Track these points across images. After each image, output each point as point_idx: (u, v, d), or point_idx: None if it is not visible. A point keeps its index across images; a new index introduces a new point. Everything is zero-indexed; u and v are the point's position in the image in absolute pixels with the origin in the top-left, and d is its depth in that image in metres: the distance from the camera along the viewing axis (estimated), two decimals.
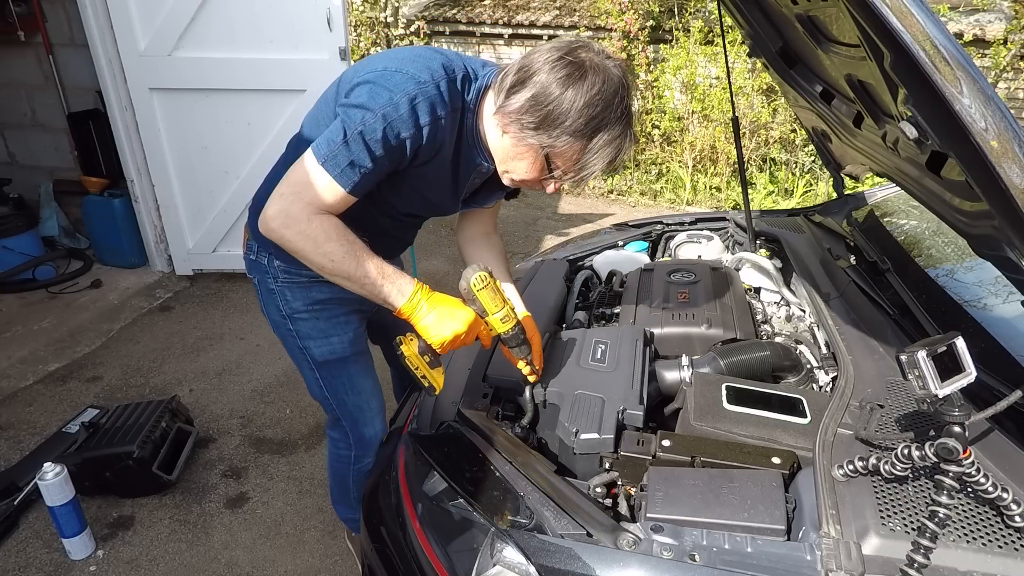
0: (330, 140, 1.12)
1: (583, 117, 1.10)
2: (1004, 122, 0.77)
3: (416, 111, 1.12)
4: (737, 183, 5.76)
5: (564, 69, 1.09)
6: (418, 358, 1.19)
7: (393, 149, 1.14)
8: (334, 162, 1.12)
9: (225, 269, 4.01)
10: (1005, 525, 0.89)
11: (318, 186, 1.13)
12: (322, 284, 1.45)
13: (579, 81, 1.09)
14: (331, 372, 1.55)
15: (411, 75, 1.12)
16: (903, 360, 0.88)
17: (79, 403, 2.73)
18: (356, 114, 1.11)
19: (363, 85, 1.14)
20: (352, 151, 1.11)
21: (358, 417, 1.63)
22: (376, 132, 1.11)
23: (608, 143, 1.14)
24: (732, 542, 0.93)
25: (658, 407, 1.34)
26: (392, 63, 1.14)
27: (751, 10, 1.67)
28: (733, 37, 5.32)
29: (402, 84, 1.11)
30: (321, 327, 1.49)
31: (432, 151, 1.21)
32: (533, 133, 1.13)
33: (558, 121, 1.10)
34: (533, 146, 1.15)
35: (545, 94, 1.10)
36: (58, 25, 3.71)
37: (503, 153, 1.23)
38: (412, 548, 1.10)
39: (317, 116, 1.31)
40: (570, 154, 1.15)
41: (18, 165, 4.15)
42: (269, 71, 3.47)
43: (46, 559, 2.03)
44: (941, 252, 1.87)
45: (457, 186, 1.33)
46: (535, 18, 7.80)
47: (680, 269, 1.76)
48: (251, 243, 1.48)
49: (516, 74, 1.14)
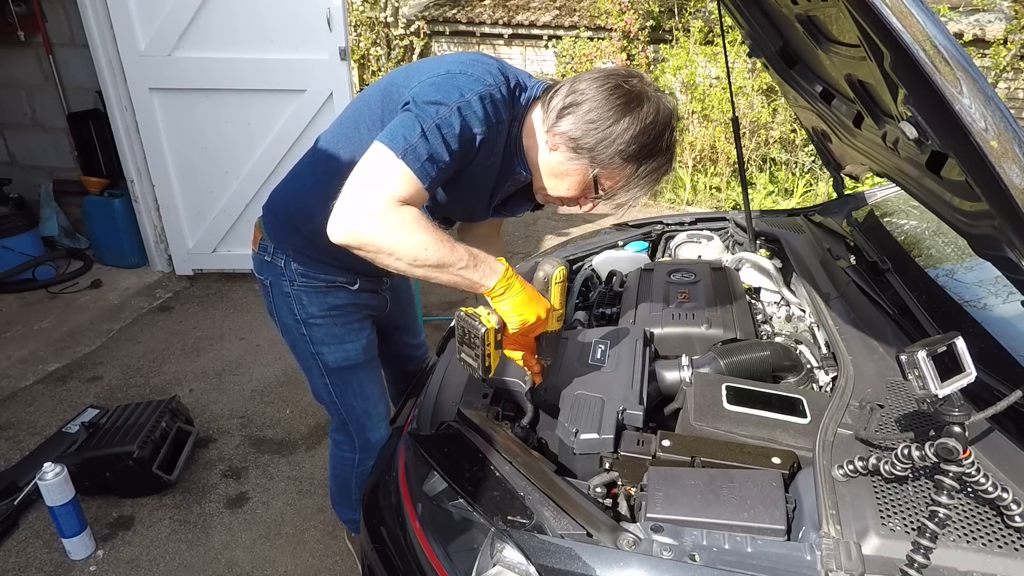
0: (405, 135, 1.09)
1: (636, 144, 1.15)
2: (1004, 122, 0.76)
3: (486, 109, 1.14)
4: (737, 183, 5.76)
5: (622, 97, 1.14)
6: (493, 334, 1.14)
7: (466, 145, 1.14)
8: (414, 155, 1.08)
9: (225, 269, 4.01)
10: (1005, 525, 0.88)
11: (399, 180, 1.08)
12: (339, 290, 1.45)
13: (636, 109, 1.14)
14: (342, 378, 1.55)
15: (477, 77, 1.14)
16: (903, 360, 0.88)
17: (79, 403, 2.74)
18: (431, 109, 1.10)
19: (431, 85, 1.13)
20: (431, 145, 1.09)
21: (365, 422, 1.63)
22: (454, 127, 1.11)
23: (655, 170, 1.20)
24: (732, 542, 0.93)
25: (658, 407, 1.34)
26: (455, 66, 1.15)
27: (751, 10, 1.67)
28: (733, 37, 5.32)
29: (470, 84, 1.13)
30: (336, 333, 1.48)
31: (489, 153, 1.22)
32: (587, 154, 1.16)
33: (613, 145, 1.14)
34: (583, 167, 1.19)
35: (603, 118, 1.14)
36: (58, 25, 3.71)
37: (548, 169, 1.25)
38: (412, 548, 1.10)
39: (358, 118, 1.30)
40: (618, 177, 1.20)
41: (18, 165, 4.16)
42: (269, 71, 3.47)
43: (46, 559, 2.03)
44: (941, 252, 1.87)
45: (494, 192, 1.35)
46: (535, 18, 7.80)
47: (680, 269, 1.76)
48: (265, 243, 1.45)
49: (569, 96, 1.17)
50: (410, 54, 8.19)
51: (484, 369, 1.15)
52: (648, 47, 6.76)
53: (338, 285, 1.45)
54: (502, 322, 1.15)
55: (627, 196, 1.23)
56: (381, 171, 1.08)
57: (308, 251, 1.41)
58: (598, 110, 1.14)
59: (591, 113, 1.14)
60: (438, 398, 1.39)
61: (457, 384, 1.40)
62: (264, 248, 1.45)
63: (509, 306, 1.14)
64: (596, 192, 1.24)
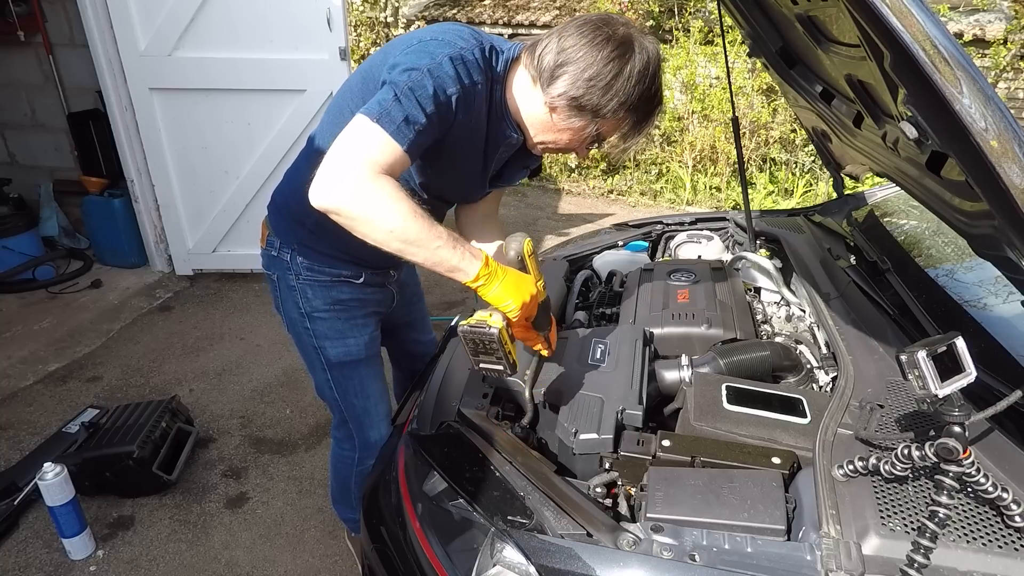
0: (380, 100, 1.10)
1: (636, 92, 1.16)
2: (1004, 122, 0.76)
3: (458, 70, 1.14)
4: (737, 183, 5.76)
5: (615, 48, 1.14)
6: (505, 332, 1.13)
7: (442, 106, 1.14)
8: (388, 118, 1.08)
9: (225, 269, 4.01)
10: (1005, 525, 0.88)
11: (375, 144, 1.08)
12: (343, 284, 1.47)
13: (630, 58, 1.15)
14: (343, 374, 1.56)
15: (447, 41, 1.15)
16: (903, 360, 0.88)
17: (79, 403, 2.73)
18: (403, 76, 1.11)
19: (404, 54, 1.16)
20: (405, 107, 1.09)
21: (364, 420, 1.64)
22: (427, 88, 1.11)
23: (652, 111, 1.23)
24: (732, 542, 0.93)
25: (658, 407, 1.34)
26: (426, 34, 1.18)
27: (751, 10, 1.67)
28: (733, 37, 5.32)
29: (440, 48, 1.14)
30: (339, 328, 1.50)
31: (470, 117, 1.22)
32: (589, 110, 1.17)
33: (615, 99, 1.15)
34: (585, 122, 1.20)
35: (601, 74, 1.14)
36: (58, 25, 3.71)
37: (546, 127, 1.25)
38: (412, 548, 1.10)
39: (341, 104, 1.31)
40: (620, 125, 1.22)
41: (18, 165, 4.16)
42: (269, 71, 3.47)
43: (46, 559, 2.03)
44: (941, 252, 1.87)
45: (486, 160, 1.35)
46: (535, 18, 7.81)
47: (680, 269, 1.76)
48: (272, 239, 1.48)
49: (560, 54, 1.16)
50: None
51: (511, 366, 1.15)
52: None
53: (343, 279, 1.47)
54: (504, 316, 1.14)
55: (630, 142, 1.26)
56: (358, 137, 1.09)
57: (312, 244, 1.43)
58: (595, 66, 1.14)
59: (588, 71, 1.14)
60: (438, 398, 1.39)
61: (457, 384, 1.40)
62: (271, 244, 1.48)
63: (500, 292, 1.13)
64: (599, 143, 1.26)
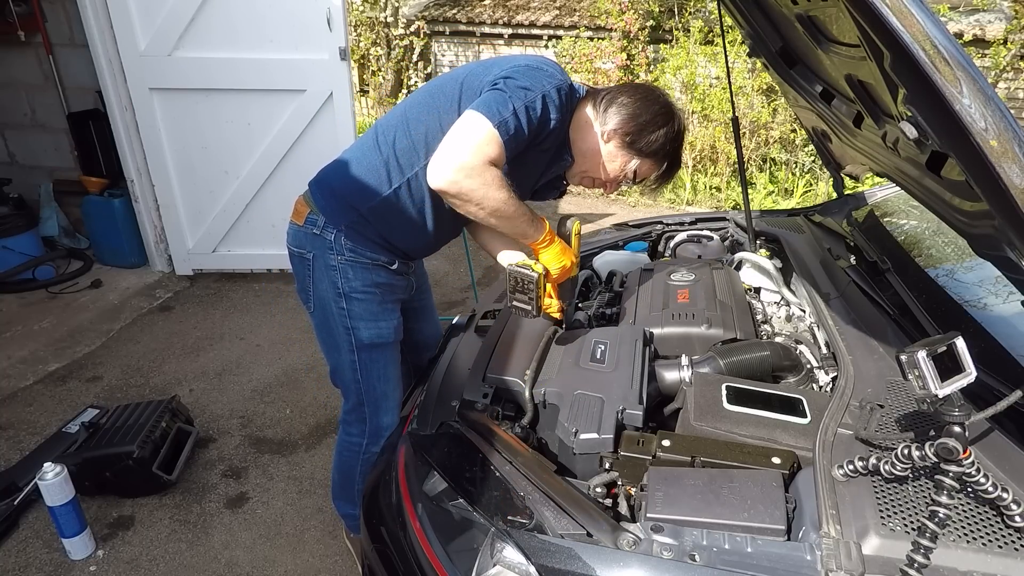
0: (499, 109, 1.29)
1: (671, 146, 1.50)
2: (1004, 122, 0.76)
3: (562, 100, 1.39)
4: (737, 183, 5.76)
5: (663, 109, 1.47)
6: (543, 279, 1.38)
7: (541, 127, 1.37)
8: (505, 128, 1.28)
9: (225, 269, 4.01)
10: (1005, 525, 0.88)
11: (493, 144, 1.28)
12: (380, 268, 1.56)
13: (672, 119, 1.49)
14: (371, 356, 1.61)
15: (551, 74, 1.38)
16: (903, 360, 0.88)
17: (79, 403, 2.73)
18: (520, 92, 1.31)
19: (518, 72, 1.34)
20: (520, 121, 1.30)
21: (381, 404, 1.68)
22: (538, 111, 1.33)
23: (673, 165, 1.55)
24: (732, 542, 0.93)
25: (658, 407, 1.34)
26: (533, 61, 1.39)
27: (751, 10, 1.67)
28: (733, 37, 5.32)
29: (550, 78, 1.37)
30: (373, 310, 1.56)
31: (550, 139, 1.44)
32: (635, 147, 1.47)
33: (656, 144, 1.47)
34: (629, 156, 1.48)
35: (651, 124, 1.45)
36: (58, 25, 3.71)
37: (594, 157, 1.50)
38: (412, 548, 1.10)
39: (431, 103, 1.45)
40: (650, 168, 1.53)
41: (18, 165, 4.16)
42: (269, 71, 3.47)
43: (46, 559, 2.03)
44: (941, 252, 1.87)
45: (540, 176, 1.57)
46: (535, 18, 7.81)
47: (680, 269, 1.76)
48: (314, 216, 1.51)
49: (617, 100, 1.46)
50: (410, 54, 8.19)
51: (537, 309, 1.38)
52: (648, 47, 6.76)
53: (380, 264, 1.55)
54: (546, 269, 1.41)
55: (655, 184, 1.57)
56: (479, 134, 1.27)
57: (361, 228, 1.50)
58: (646, 115, 1.45)
59: (641, 118, 1.45)
60: (438, 398, 1.39)
61: (457, 384, 1.40)
62: (312, 222, 1.50)
63: (551, 254, 1.44)
64: (633, 179, 1.53)
